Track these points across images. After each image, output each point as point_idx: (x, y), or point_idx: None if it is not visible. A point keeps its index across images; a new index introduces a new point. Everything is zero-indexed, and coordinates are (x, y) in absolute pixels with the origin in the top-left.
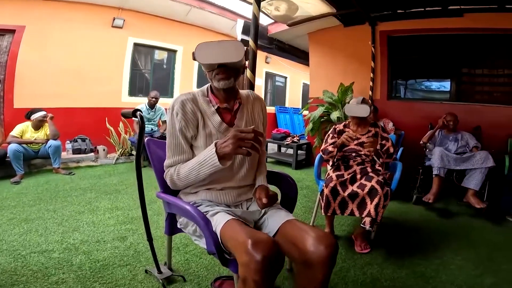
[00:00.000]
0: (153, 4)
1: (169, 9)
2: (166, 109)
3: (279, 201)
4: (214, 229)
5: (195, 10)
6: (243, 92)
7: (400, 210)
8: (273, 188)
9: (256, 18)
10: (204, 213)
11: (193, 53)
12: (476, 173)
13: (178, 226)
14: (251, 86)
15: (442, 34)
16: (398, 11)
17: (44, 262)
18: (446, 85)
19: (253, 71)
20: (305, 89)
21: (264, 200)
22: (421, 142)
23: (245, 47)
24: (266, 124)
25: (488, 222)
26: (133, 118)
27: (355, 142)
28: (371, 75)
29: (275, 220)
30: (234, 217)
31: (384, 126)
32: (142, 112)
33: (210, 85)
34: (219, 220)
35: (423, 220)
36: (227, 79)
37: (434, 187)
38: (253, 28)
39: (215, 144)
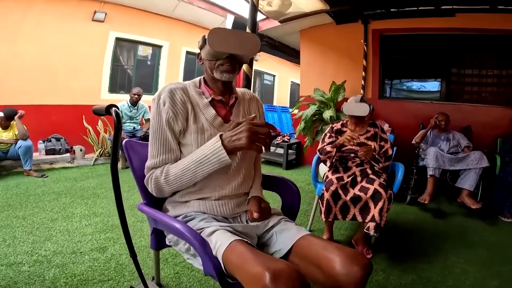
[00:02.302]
0: None
1: (155, 3)
2: (149, 106)
3: (279, 209)
4: (214, 253)
5: (183, 5)
6: (238, 89)
7: (396, 211)
8: (273, 195)
9: (254, 6)
10: (199, 231)
11: (204, 38)
12: (471, 173)
13: (167, 243)
14: (248, 80)
15: (434, 34)
16: (392, 9)
17: (13, 276)
18: (436, 85)
19: (250, 64)
20: (293, 87)
21: (255, 215)
22: (413, 142)
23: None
24: None
25: (482, 222)
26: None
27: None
28: (363, 73)
29: (286, 236)
30: (237, 237)
31: None
32: (118, 108)
33: (204, 77)
34: (219, 241)
35: (419, 221)
36: (231, 72)
37: (429, 187)
38: (251, 18)
39: (221, 137)
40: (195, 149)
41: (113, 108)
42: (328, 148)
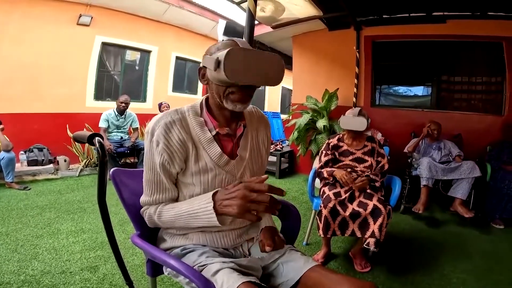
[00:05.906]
0: (127, 1)
1: (144, 7)
2: (137, 114)
3: (280, 233)
4: None
5: (173, 9)
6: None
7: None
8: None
9: (252, 15)
10: (202, 267)
11: (219, 61)
12: (463, 183)
13: (165, 274)
14: None
15: (425, 41)
16: (384, 16)
17: None
18: (427, 92)
19: None
20: (284, 92)
21: (268, 249)
22: (405, 151)
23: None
24: (269, 151)
25: (475, 229)
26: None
27: (351, 157)
28: (355, 81)
29: (293, 267)
30: (244, 278)
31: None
32: (102, 138)
33: (206, 100)
34: (226, 283)
35: (414, 230)
36: (245, 102)
37: (423, 197)
38: (248, 27)
39: (213, 197)
40: (198, 189)
41: (96, 138)
42: (325, 175)
